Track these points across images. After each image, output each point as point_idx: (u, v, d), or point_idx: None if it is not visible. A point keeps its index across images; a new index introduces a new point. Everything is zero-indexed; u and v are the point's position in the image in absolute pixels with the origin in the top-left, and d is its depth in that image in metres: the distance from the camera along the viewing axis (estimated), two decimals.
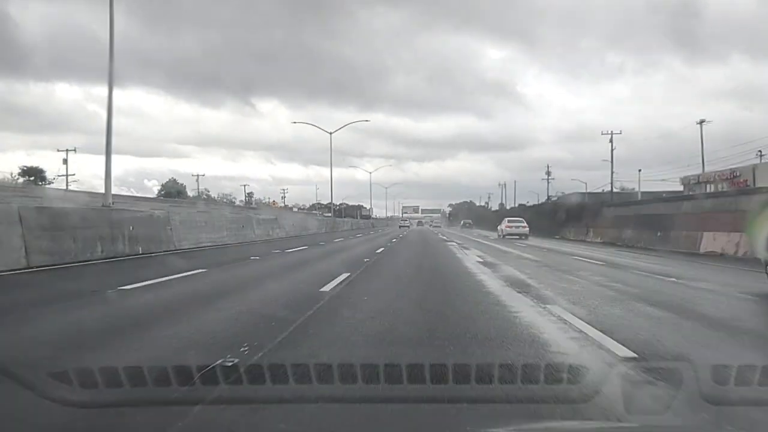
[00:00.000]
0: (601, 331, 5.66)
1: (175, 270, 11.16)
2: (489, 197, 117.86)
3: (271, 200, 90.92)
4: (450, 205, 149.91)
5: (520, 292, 8.89)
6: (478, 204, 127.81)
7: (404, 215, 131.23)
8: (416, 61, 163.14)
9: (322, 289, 8.59)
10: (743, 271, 13.83)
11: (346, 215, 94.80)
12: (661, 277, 12.42)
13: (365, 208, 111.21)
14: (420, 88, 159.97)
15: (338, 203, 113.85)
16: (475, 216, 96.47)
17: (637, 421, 3.23)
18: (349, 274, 11.11)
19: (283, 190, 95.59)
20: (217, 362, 4.06)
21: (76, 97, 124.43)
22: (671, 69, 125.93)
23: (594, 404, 3.37)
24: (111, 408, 3.36)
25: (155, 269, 11.79)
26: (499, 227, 40.75)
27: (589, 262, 16.83)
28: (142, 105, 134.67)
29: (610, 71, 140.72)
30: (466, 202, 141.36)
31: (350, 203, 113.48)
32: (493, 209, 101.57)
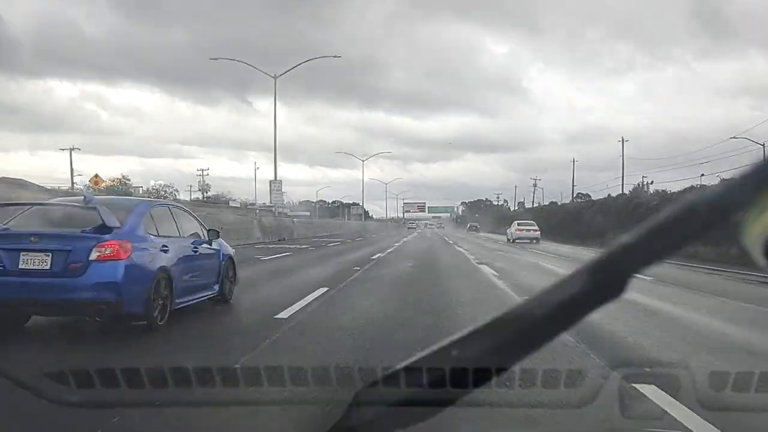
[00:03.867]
0: None
1: None
2: (521, 193, 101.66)
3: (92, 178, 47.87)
4: (463, 203, 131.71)
5: None
6: (495, 202, 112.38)
7: (406, 214, 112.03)
8: (415, 55, 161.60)
9: None
10: None
11: (337, 215, 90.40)
12: None
13: (358, 206, 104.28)
14: (420, 83, 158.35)
15: (331, 201, 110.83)
16: (493, 217, 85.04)
17: (634, 427, 3.23)
18: None
19: (201, 171, 70.34)
20: (215, 364, 4.06)
21: (73, 95, 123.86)
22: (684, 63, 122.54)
23: (591, 409, 3.37)
24: (107, 408, 3.36)
25: None
26: (508, 230, 39.26)
27: None
28: (139, 103, 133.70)
29: (620, 65, 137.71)
30: (481, 200, 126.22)
31: (346, 202, 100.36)
32: (513, 209, 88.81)
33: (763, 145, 35.62)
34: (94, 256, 5.48)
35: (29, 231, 5.70)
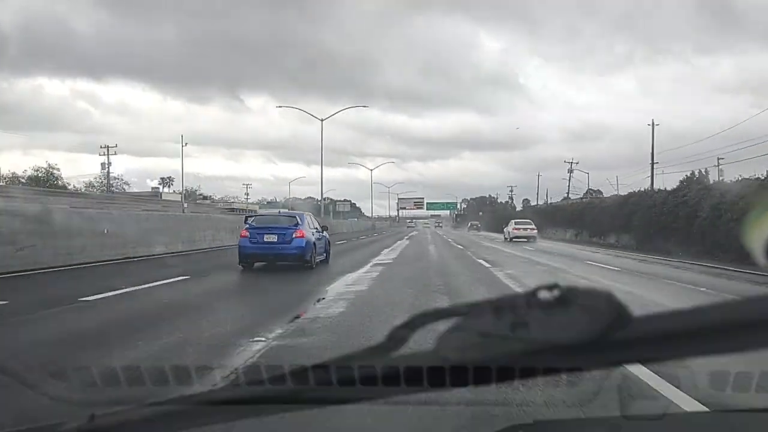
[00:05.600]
0: None
1: None
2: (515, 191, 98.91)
3: None
4: (465, 201, 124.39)
5: None
6: (507, 199, 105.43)
7: (402, 212, 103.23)
8: (410, 52, 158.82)
9: None
10: None
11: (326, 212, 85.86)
12: None
13: (348, 202, 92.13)
14: (415, 81, 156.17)
15: (322, 198, 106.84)
16: (495, 216, 79.98)
17: (635, 426, 3.23)
18: None
19: (106, 147, 59.55)
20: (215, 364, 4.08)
21: (63, 93, 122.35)
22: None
23: (591, 409, 3.37)
24: (109, 407, 3.36)
25: None
26: (505, 229, 38.77)
27: None
28: (130, 101, 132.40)
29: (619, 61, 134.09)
30: (484, 197, 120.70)
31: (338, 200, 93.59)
32: (527, 206, 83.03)
33: None
34: (294, 235, 13.64)
35: (267, 225, 14.23)
